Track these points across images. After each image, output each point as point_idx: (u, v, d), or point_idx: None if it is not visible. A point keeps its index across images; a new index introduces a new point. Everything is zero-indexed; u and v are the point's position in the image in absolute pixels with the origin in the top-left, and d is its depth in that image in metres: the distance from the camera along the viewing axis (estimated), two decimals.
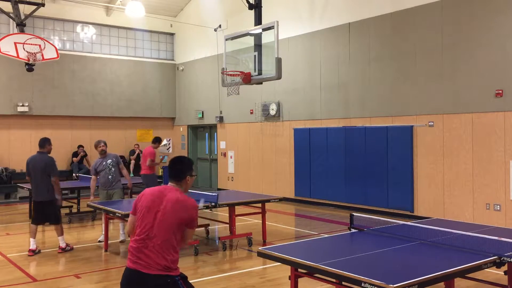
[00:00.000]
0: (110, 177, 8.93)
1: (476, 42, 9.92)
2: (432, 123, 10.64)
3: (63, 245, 8.20)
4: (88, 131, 16.96)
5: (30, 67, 12.68)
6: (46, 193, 8.03)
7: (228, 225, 8.91)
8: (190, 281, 3.84)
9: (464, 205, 10.06)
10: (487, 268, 4.33)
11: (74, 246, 8.44)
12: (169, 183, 3.85)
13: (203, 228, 9.35)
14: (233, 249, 8.39)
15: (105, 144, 9.26)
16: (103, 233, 8.56)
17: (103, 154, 9.08)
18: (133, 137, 17.95)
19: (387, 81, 11.50)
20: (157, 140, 12.12)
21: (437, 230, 5.17)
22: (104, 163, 8.98)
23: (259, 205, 9.19)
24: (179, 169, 3.84)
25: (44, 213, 8.09)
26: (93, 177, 9.04)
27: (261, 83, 11.22)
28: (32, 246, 8.00)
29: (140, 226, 3.69)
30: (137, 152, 17.27)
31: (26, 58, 12.29)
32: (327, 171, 12.80)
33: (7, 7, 13.01)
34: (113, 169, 8.98)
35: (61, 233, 8.19)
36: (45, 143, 8.21)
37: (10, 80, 15.30)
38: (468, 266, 4.17)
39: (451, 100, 10.31)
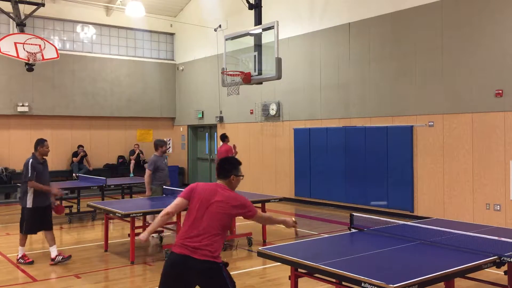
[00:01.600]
0: (167, 173, 9.64)
1: (476, 42, 9.93)
2: (432, 123, 10.65)
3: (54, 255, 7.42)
4: (88, 131, 16.96)
5: (30, 67, 12.69)
6: (22, 197, 7.38)
7: None
8: None
9: (464, 205, 10.06)
10: (487, 268, 4.34)
11: (74, 246, 8.43)
12: (218, 181, 4.19)
13: None
14: (233, 249, 8.39)
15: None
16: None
17: (164, 153, 9.62)
18: (133, 137, 17.95)
19: (387, 81, 11.50)
20: (226, 136, 12.84)
21: (437, 230, 5.17)
22: (165, 161, 9.57)
23: (259, 205, 9.20)
24: (225, 168, 4.19)
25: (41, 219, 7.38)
26: (149, 172, 9.26)
27: (261, 83, 11.23)
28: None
29: (192, 216, 4.01)
30: (137, 152, 17.29)
31: (26, 58, 12.30)
32: (327, 171, 12.79)
33: (7, 7, 13.02)
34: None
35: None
36: (36, 144, 7.44)
37: (10, 80, 15.29)
38: (468, 266, 4.17)
39: (451, 100, 10.31)
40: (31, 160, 7.31)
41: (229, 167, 4.19)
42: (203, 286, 3.94)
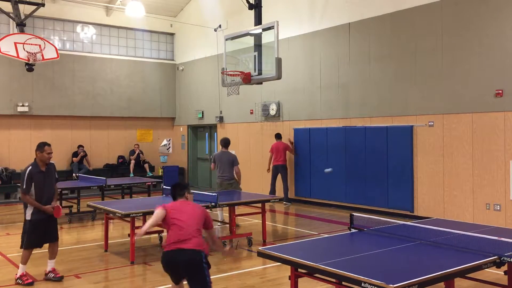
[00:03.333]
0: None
1: (476, 42, 9.93)
2: (432, 123, 10.64)
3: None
4: (88, 131, 16.96)
5: (30, 67, 12.69)
6: (24, 208, 6.73)
7: (228, 225, 8.92)
8: None
9: (464, 205, 10.06)
10: (487, 268, 4.33)
11: (74, 246, 8.42)
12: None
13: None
14: (232, 249, 8.37)
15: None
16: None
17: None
18: (133, 137, 17.95)
19: (387, 81, 11.50)
20: (280, 135, 13.72)
21: (437, 230, 5.17)
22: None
23: (259, 205, 9.20)
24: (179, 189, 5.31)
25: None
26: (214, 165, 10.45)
27: (261, 83, 11.23)
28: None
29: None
30: (137, 152, 17.29)
31: (26, 58, 12.30)
32: None
33: (7, 7, 13.03)
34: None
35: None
36: (36, 149, 6.76)
37: (10, 80, 15.29)
38: (468, 266, 4.17)
39: (451, 100, 10.31)
40: (29, 168, 6.54)
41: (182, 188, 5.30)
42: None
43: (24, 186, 6.49)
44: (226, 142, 10.53)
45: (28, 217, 6.57)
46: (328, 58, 12.84)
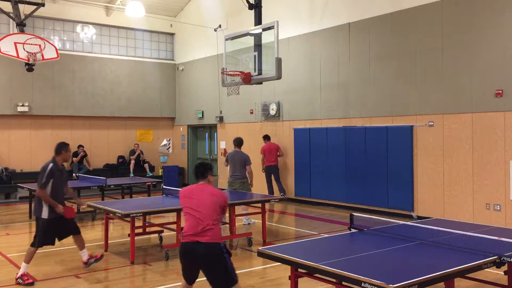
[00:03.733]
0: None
1: (476, 42, 9.92)
2: (432, 123, 10.64)
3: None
4: (88, 131, 16.96)
5: (30, 67, 12.68)
6: (37, 206, 6.71)
7: (228, 225, 8.92)
8: None
9: (464, 205, 10.06)
10: (487, 268, 4.34)
11: (74, 246, 8.39)
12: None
13: None
14: (233, 249, 8.38)
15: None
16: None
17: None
18: (133, 137, 17.95)
19: (387, 81, 11.50)
20: (269, 136, 13.97)
21: (437, 230, 5.17)
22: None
23: (259, 205, 9.20)
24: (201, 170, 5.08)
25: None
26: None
27: (261, 83, 11.23)
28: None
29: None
30: (137, 152, 17.29)
31: (26, 58, 12.30)
32: (327, 171, 12.80)
33: (7, 7, 13.02)
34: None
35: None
36: (59, 148, 6.78)
37: (10, 80, 15.30)
38: (468, 266, 4.17)
39: (451, 100, 10.31)
40: (51, 165, 6.59)
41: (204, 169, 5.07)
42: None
43: (44, 181, 6.50)
44: (239, 142, 10.72)
45: (45, 216, 6.59)
46: (328, 58, 12.84)
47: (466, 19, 10.08)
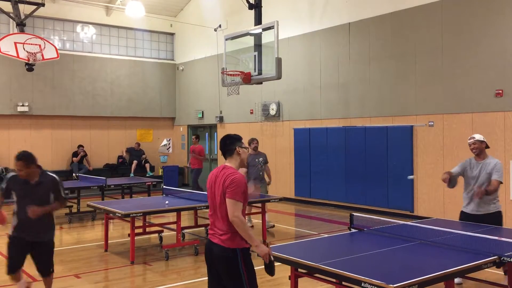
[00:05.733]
0: (261, 173, 9.99)
1: (476, 42, 9.92)
2: (432, 123, 10.64)
3: None
4: (88, 131, 16.96)
5: (30, 67, 12.68)
6: (47, 226, 5.84)
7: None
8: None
9: None
10: (487, 268, 4.33)
11: (74, 246, 8.40)
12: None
13: (203, 228, 9.34)
14: None
15: (258, 142, 10.26)
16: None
17: (256, 150, 10.05)
18: (133, 137, 17.95)
19: (387, 81, 11.49)
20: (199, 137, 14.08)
21: (437, 230, 5.17)
22: (256, 160, 9.94)
23: (259, 205, 9.19)
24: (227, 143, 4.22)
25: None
26: (244, 169, 9.81)
27: (261, 83, 11.23)
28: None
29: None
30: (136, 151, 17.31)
31: (26, 58, 12.30)
32: (327, 171, 12.79)
33: (7, 7, 13.02)
34: (263, 166, 10.08)
35: None
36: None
37: (10, 80, 15.30)
38: (468, 266, 4.17)
39: (451, 100, 10.31)
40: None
41: (230, 141, 4.21)
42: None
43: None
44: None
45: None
46: (328, 58, 12.84)
47: (466, 19, 10.08)
